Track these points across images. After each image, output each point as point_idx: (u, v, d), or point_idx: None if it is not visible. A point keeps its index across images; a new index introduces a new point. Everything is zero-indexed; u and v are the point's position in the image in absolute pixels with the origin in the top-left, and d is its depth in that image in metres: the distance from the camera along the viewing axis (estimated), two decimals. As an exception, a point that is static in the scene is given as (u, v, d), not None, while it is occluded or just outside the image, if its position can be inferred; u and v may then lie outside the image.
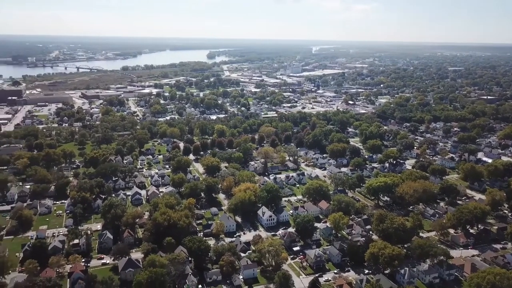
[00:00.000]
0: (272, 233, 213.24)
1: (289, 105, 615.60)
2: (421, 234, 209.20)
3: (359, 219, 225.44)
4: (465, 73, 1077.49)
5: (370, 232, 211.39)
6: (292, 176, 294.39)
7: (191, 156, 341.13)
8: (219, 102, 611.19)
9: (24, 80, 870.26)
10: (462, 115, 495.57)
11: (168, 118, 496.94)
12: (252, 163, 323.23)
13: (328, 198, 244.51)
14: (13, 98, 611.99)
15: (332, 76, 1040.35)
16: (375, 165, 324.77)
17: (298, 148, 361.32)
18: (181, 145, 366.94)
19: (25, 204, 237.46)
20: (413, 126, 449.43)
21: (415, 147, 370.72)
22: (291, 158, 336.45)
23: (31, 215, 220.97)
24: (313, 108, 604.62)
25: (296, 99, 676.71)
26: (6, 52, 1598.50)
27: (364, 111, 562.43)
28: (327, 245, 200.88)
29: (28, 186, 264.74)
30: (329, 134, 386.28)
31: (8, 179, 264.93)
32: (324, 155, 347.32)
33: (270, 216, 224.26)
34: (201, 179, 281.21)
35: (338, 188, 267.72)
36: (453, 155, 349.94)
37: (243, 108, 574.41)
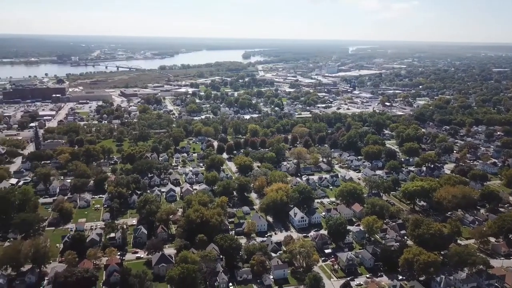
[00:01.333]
0: (304, 235, 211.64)
1: (323, 105, 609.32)
2: (459, 242, 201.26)
3: (394, 223, 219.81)
4: (510, 74, 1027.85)
5: (405, 237, 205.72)
6: (325, 178, 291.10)
7: (225, 155, 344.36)
8: (253, 102, 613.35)
9: (67, 78, 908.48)
10: (507, 118, 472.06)
11: (203, 117, 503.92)
12: (285, 163, 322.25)
13: (362, 201, 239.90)
14: (57, 95, 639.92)
15: (369, 76, 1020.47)
16: (411, 168, 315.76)
17: (332, 150, 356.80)
18: (215, 144, 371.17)
19: (66, 197, 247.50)
20: (453, 129, 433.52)
21: (454, 151, 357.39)
22: (324, 160, 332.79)
23: (71, 208, 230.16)
24: (348, 109, 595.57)
25: (331, 100, 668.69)
26: (52, 51, 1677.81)
27: (402, 113, 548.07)
28: (359, 249, 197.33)
29: (69, 180, 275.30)
30: (364, 135, 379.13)
31: (51, 173, 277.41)
32: (359, 157, 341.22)
33: (302, 217, 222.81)
34: (233, 178, 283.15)
35: (373, 191, 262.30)
36: (496, 160, 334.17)
37: (276, 108, 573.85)
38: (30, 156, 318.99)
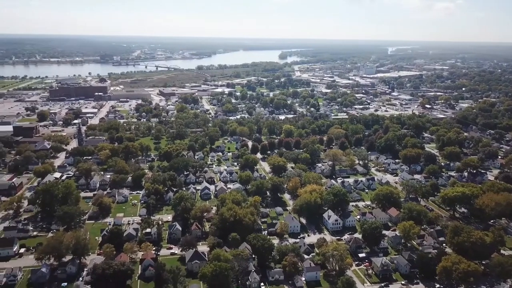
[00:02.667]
0: (337, 237, 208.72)
1: (361, 107, 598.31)
2: (502, 251, 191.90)
3: (432, 229, 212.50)
4: None
5: (443, 244, 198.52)
6: (361, 181, 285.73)
7: (259, 155, 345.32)
8: (288, 102, 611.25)
9: (109, 77, 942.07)
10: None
11: (238, 117, 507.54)
12: (320, 165, 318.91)
13: (399, 206, 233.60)
14: (99, 93, 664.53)
15: (409, 78, 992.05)
16: (452, 173, 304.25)
17: (369, 152, 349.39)
18: (250, 143, 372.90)
19: (105, 192, 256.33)
20: (498, 134, 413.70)
21: (499, 157, 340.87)
22: (360, 162, 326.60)
23: (110, 202, 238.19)
24: (386, 111, 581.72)
25: (368, 101, 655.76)
26: (96, 51, 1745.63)
27: (443, 116, 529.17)
28: (395, 254, 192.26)
29: (109, 176, 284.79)
30: (402, 138, 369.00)
31: (92, 168, 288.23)
32: (397, 160, 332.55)
33: (336, 220, 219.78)
34: (267, 178, 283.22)
35: (410, 196, 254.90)
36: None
37: (312, 109, 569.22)
38: (73, 152, 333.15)
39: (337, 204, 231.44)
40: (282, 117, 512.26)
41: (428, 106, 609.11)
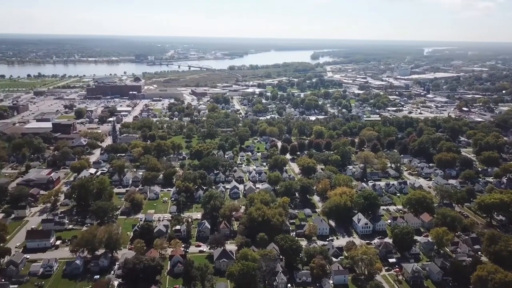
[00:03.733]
0: (367, 241, 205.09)
1: (394, 109, 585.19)
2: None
3: (466, 237, 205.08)
4: None
5: (479, 252, 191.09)
6: (393, 184, 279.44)
7: (288, 156, 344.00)
8: (320, 103, 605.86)
9: (143, 76, 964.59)
10: None
11: (268, 117, 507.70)
12: (350, 167, 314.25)
13: (432, 211, 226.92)
14: (134, 92, 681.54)
15: (445, 79, 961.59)
16: (489, 179, 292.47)
17: (402, 155, 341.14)
18: (279, 144, 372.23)
19: (137, 189, 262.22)
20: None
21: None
22: (393, 165, 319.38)
23: (141, 199, 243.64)
24: (421, 113, 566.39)
25: (402, 103, 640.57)
26: (131, 51, 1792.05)
27: (481, 119, 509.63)
28: (427, 261, 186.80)
29: (141, 173, 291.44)
30: (437, 142, 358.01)
31: (125, 165, 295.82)
32: (430, 164, 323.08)
33: (366, 224, 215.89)
34: (296, 179, 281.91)
35: (444, 201, 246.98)
36: None
37: (344, 110, 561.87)
38: (108, 149, 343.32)
39: (367, 208, 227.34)
40: (312, 118, 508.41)
41: (465, 109, 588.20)
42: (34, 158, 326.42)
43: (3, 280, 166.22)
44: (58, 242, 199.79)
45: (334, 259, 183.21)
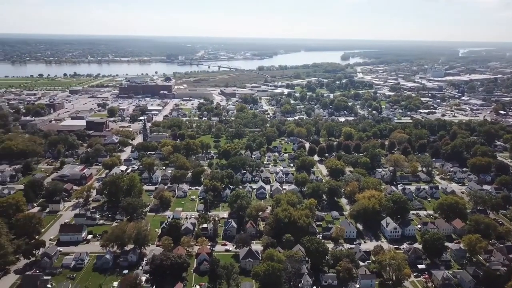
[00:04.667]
0: (395, 246, 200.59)
1: (426, 111, 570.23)
2: None
3: (501, 245, 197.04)
4: None
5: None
6: (424, 189, 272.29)
7: (316, 157, 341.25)
8: (349, 104, 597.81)
9: (174, 76, 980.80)
10: None
11: (296, 118, 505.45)
12: (380, 170, 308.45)
13: (464, 217, 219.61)
14: (164, 92, 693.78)
15: (481, 81, 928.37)
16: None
17: (433, 159, 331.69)
18: (307, 145, 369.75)
19: (166, 187, 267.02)
20: None
21: None
22: (424, 169, 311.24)
23: (170, 197, 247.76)
24: (454, 116, 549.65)
25: (435, 105, 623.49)
26: (162, 51, 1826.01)
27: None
28: (458, 269, 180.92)
29: (170, 171, 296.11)
30: (472, 146, 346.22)
31: (154, 163, 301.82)
32: (464, 169, 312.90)
33: (395, 228, 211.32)
34: (324, 181, 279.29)
35: (478, 208, 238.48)
36: None
37: (374, 112, 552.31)
38: (138, 147, 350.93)
39: (396, 212, 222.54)
40: (342, 119, 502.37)
41: (502, 112, 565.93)
42: (68, 155, 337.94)
43: (37, 271, 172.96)
44: (89, 237, 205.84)
45: (361, 263, 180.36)
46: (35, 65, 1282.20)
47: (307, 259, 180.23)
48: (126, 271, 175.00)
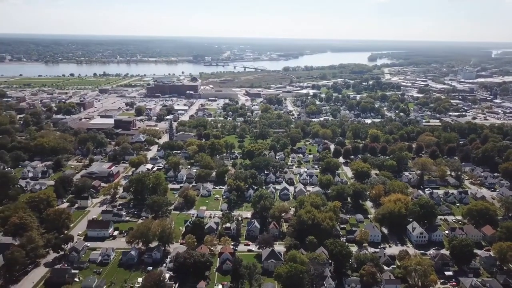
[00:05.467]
0: (422, 252, 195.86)
1: (456, 114, 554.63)
2: None
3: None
4: None
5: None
6: (452, 193, 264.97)
7: (341, 159, 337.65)
8: (376, 106, 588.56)
9: (200, 76, 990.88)
10: None
11: (321, 119, 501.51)
12: (406, 173, 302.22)
13: (495, 224, 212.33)
14: (190, 92, 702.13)
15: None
16: None
17: (463, 163, 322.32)
18: (332, 147, 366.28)
19: (190, 185, 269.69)
20: None
21: None
22: (452, 173, 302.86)
23: (194, 195, 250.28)
24: (486, 119, 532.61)
25: (465, 108, 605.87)
26: (189, 52, 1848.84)
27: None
28: (487, 277, 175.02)
29: (195, 170, 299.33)
30: (504, 150, 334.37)
31: (180, 162, 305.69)
32: (495, 174, 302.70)
33: (421, 233, 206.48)
34: (349, 183, 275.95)
35: (510, 214, 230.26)
36: None
37: (401, 114, 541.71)
38: (164, 145, 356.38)
39: (423, 216, 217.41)
40: (368, 121, 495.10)
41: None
42: (97, 152, 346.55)
43: (66, 265, 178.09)
44: (115, 233, 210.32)
45: (385, 268, 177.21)
46: (67, 65, 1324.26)
47: (330, 261, 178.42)
48: (151, 268, 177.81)
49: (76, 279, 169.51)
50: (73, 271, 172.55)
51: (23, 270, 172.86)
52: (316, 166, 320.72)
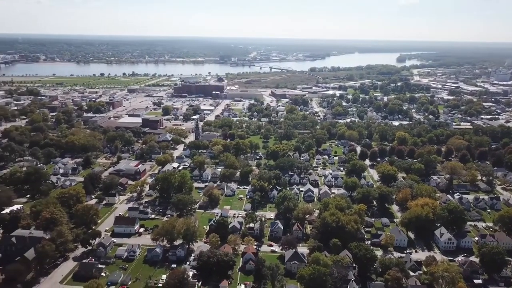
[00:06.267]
0: (449, 258, 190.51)
1: (488, 117, 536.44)
2: None
3: None
4: None
5: None
6: (483, 199, 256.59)
7: (367, 162, 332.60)
8: (404, 107, 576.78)
9: (226, 77, 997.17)
10: None
11: (348, 120, 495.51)
12: (435, 177, 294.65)
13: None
14: (216, 92, 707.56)
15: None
16: None
17: (495, 168, 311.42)
18: (358, 149, 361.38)
19: (215, 185, 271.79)
20: None
21: None
22: (484, 178, 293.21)
23: (219, 195, 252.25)
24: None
25: (499, 111, 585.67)
26: (216, 52, 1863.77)
27: None
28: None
29: (219, 169, 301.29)
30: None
31: (205, 161, 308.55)
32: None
33: (450, 239, 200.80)
34: (374, 186, 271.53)
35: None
36: None
37: (430, 116, 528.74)
38: (190, 145, 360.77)
39: (452, 222, 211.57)
40: (396, 123, 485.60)
41: None
42: (124, 150, 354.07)
43: (93, 259, 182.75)
44: (141, 230, 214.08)
45: (411, 273, 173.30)
46: (97, 64, 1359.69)
47: (354, 265, 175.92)
48: (175, 265, 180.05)
49: (103, 274, 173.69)
50: (100, 266, 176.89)
51: (53, 263, 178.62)
52: (342, 168, 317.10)
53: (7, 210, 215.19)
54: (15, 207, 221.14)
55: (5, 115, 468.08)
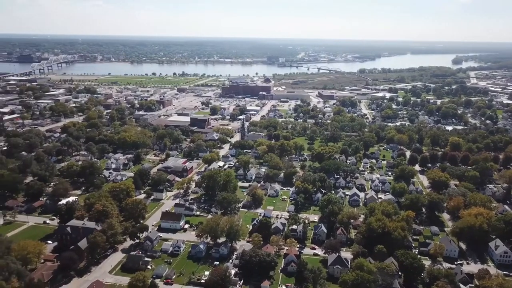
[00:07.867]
0: (505, 272, 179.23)
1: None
2: None
3: None
4: None
5: None
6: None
7: (417, 167, 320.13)
8: (459, 112, 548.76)
9: (273, 78, 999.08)
10: None
11: (398, 123, 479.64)
12: (491, 186, 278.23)
13: None
14: (263, 93, 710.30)
15: None
16: None
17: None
18: (408, 153, 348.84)
19: (259, 185, 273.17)
20: None
21: None
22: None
23: (262, 195, 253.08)
24: None
25: None
26: (264, 53, 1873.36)
27: None
28: None
29: (264, 170, 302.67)
30: None
31: (250, 161, 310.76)
32: None
33: (506, 252, 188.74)
34: (424, 193, 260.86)
35: None
36: None
37: (488, 121, 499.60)
38: (236, 144, 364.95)
39: (509, 234, 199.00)
40: (449, 127, 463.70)
41: None
42: (173, 148, 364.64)
43: (140, 252, 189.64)
44: (186, 226, 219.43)
45: (461, 286, 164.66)
46: (150, 64, 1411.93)
47: (400, 273, 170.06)
48: (217, 262, 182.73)
49: (149, 267, 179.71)
50: (146, 259, 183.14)
51: (103, 254, 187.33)
52: (390, 173, 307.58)
53: (64, 201, 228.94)
54: (70, 199, 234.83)
55: (65, 111, 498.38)
